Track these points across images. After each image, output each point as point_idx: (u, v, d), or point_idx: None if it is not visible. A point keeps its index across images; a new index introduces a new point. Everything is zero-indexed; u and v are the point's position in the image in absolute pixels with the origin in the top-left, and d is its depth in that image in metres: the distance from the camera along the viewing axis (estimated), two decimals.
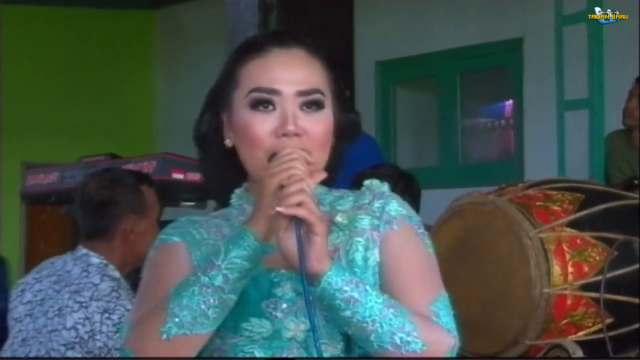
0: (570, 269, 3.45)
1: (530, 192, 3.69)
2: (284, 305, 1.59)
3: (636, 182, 4.88)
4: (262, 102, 1.63)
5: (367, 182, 1.76)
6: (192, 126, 1.75)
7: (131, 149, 5.87)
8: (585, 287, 3.43)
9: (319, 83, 1.66)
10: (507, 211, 3.57)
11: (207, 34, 8.34)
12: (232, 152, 1.69)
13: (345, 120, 1.72)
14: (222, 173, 1.71)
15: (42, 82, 8.54)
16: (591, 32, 5.03)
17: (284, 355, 1.59)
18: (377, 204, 1.69)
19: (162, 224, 4.04)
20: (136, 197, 3.03)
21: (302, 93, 1.63)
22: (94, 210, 3.00)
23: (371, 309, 1.53)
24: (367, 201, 1.70)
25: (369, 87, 7.65)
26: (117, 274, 2.93)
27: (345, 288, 1.52)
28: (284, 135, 1.61)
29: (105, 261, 2.93)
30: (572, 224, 3.53)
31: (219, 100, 1.71)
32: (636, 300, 3.26)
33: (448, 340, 1.60)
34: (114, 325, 2.79)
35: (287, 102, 1.63)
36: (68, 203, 4.19)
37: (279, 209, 1.50)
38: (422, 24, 7.38)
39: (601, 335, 3.31)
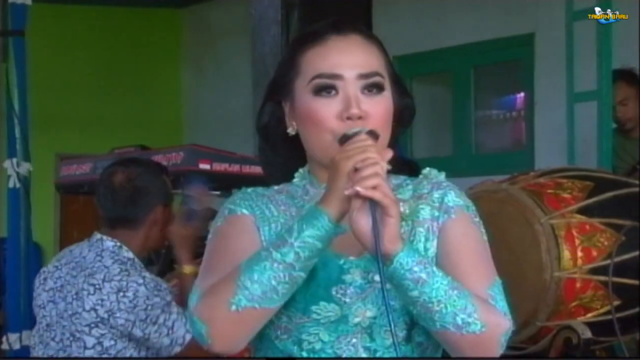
0: (579, 254, 3.45)
1: (542, 180, 3.69)
2: (352, 292, 1.57)
3: (637, 166, 4.92)
4: (325, 88, 1.62)
5: (425, 171, 1.74)
6: (218, 119, 1.75)
7: (160, 141, 5.87)
8: (594, 271, 3.43)
9: (378, 66, 1.65)
10: (519, 198, 3.57)
11: (232, 30, 8.35)
12: (293, 140, 1.68)
13: (403, 104, 1.72)
14: (284, 160, 1.69)
15: (75, 77, 8.58)
16: (600, 27, 5.01)
17: (348, 339, 1.57)
18: (436, 195, 1.67)
19: (191, 213, 4.04)
20: (163, 186, 3.05)
21: (363, 76, 1.62)
22: (126, 200, 3.01)
23: (437, 289, 1.51)
24: (426, 191, 1.69)
25: None
26: (130, 255, 2.95)
27: (415, 268, 1.50)
28: (348, 118, 1.59)
29: (119, 244, 2.95)
30: (582, 211, 3.52)
31: (280, 90, 1.69)
32: None
33: (505, 323, 1.58)
34: (130, 301, 2.83)
35: (349, 85, 1.61)
36: None
37: (357, 188, 1.48)
38: (438, 20, 7.37)
39: (609, 317, 3.31)
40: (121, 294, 2.84)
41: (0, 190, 5.39)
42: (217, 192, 4.44)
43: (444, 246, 1.64)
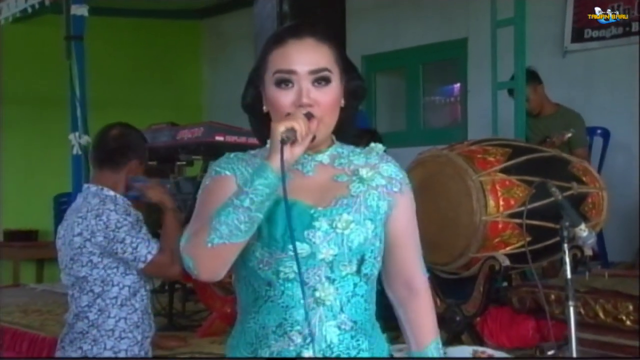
0: (501, 202, 3.46)
1: (473, 147, 3.69)
2: (320, 235, 1.55)
3: (547, 139, 4.93)
4: (284, 81, 1.58)
5: (372, 145, 1.71)
6: (229, 103, 1.71)
7: (185, 119, 5.82)
8: (512, 215, 3.44)
9: (327, 63, 1.60)
10: (456, 161, 3.56)
11: (240, 36, 8.29)
12: (269, 114, 1.65)
13: (353, 86, 1.67)
14: (263, 129, 1.63)
15: (122, 71, 8.52)
16: (517, 33, 5.00)
17: (315, 270, 1.56)
18: (385, 167, 1.67)
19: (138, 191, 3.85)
20: (142, 146, 3.08)
21: (313, 72, 1.58)
22: (114, 148, 3.01)
23: None
24: (376, 161, 1.67)
25: None
26: (111, 193, 2.92)
27: None
28: (300, 106, 1.57)
29: (101, 186, 2.93)
30: (503, 170, 3.53)
31: (256, 78, 1.66)
32: (548, 224, 3.26)
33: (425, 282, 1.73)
34: (104, 223, 2.82)
35: (302, 79, 1.58)
36: None
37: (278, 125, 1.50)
38: (395, 28, 7.33)
39: (523, 250, 3.32)
40: (98, 218, 2.83)
41: (67, 157, 5.41)
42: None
43: (399, 220, 1.66)
